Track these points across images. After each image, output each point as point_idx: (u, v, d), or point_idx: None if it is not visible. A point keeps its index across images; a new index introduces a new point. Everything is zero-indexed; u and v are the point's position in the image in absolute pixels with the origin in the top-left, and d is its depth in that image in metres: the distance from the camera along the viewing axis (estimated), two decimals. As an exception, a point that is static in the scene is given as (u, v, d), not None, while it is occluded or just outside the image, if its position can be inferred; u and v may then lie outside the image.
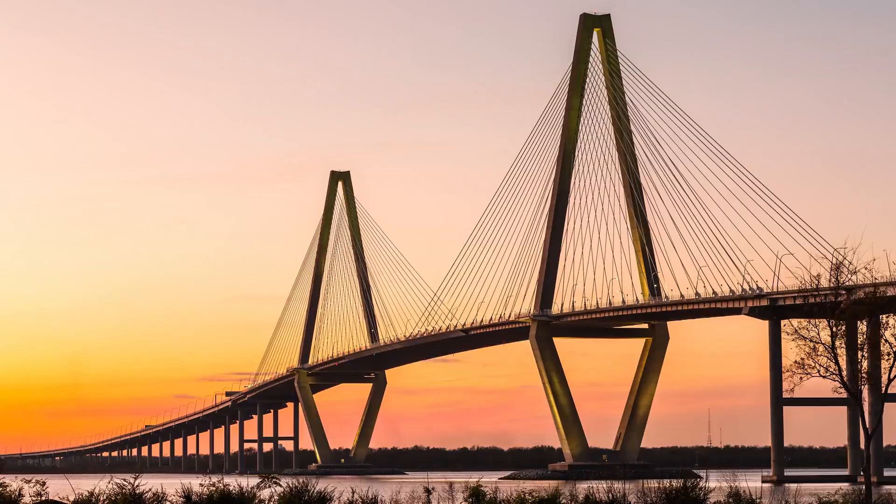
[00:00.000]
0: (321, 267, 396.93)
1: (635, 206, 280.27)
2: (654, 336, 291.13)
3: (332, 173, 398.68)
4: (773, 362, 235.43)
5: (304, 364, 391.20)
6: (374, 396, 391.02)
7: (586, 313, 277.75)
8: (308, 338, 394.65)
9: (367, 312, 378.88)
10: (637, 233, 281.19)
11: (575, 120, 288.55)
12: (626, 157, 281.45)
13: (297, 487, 67.79)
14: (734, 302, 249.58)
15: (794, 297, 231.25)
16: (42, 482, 70.86)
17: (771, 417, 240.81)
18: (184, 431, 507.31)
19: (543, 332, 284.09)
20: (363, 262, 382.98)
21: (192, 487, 67.24)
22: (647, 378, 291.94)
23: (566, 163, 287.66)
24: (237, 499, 66.31)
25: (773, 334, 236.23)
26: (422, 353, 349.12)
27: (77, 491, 69.66)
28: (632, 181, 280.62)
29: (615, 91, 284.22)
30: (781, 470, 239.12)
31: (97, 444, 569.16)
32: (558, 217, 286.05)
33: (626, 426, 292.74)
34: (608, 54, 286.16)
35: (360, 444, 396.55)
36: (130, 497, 66.47)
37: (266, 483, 67.73)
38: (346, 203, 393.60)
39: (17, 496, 70.22)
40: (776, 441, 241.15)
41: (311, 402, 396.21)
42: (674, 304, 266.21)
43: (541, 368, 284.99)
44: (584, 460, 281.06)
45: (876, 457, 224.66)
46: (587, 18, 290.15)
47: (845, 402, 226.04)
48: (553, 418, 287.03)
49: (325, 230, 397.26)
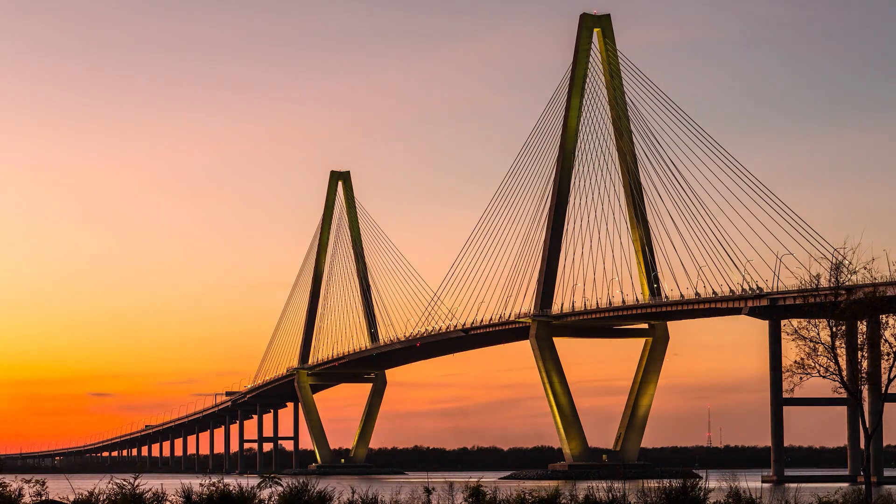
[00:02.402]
0: (321, 267, 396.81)
1: (635, 206, 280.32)
2: (654, 336, 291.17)
3: (332, 173, 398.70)
4: (773, 362, 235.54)
5: (304, 364, 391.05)
6: (374, 396, 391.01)
7: (586, 313, 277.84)
8: (308, 338, 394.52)
9: (367, 312, 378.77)
10: (637, 233, 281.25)
11: (575, 120, 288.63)
12: (626, 157, 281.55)
13: (297, 487, 67.69)
14: (734, 302, 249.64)
15: (794, 297, 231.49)
16: (42, 482, 70.74)
17: (771, 417, 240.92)
18: (184, 431, 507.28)
19: (543, 332, 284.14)
20: (363, 262, 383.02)
21: (192, 487, 67.13)
22: (647, 378, 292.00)
23: (566, 163, 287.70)
24: (237, 499, 66.23)
25: (773, 334, 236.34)
26: (422, 353, 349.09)
27: (77, 491, 69.58)
28: (632, 181, 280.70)
29: (615, 91, 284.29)
30: (781, 470, 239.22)
31: (97, 444, 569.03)
32: (558, 217, 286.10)
33: (626, 426, 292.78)
34: (608, 54, 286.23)
35: (360, 444, 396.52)
36: (130, 497, 66.41)
37: (266, 483, 67.62)
38: (346, 203, 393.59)
39: (17, 496, 70.11)
40: (776, 441, 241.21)
41: (311, 402, 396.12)
42: (674, 304, 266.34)
43: (541, 368, 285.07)
44: (584, 460, 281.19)
45: (876, 457, 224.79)
46: (587, 18, 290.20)
47: (845, 402, 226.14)
48: (553, 418, 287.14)
49: (324, 230, 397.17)
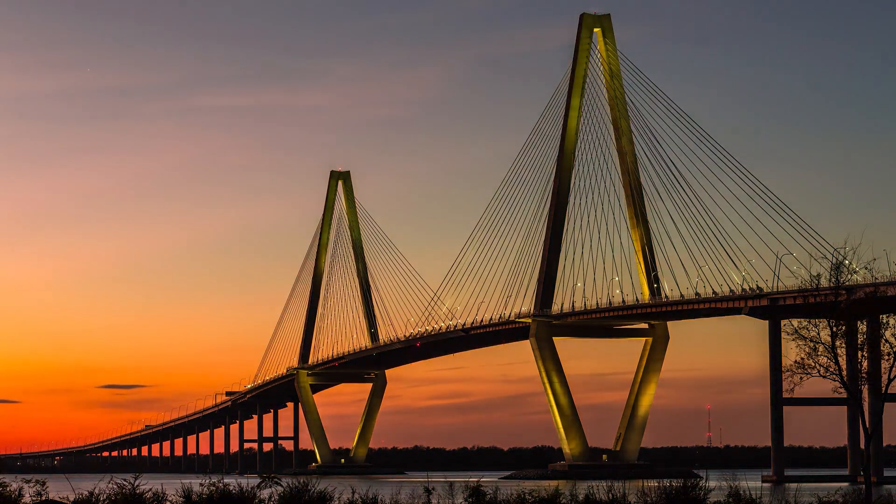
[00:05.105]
0: (321, 267, 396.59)
1: (635, 206, 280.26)
2: (654, 336, 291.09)
3: (332, 173, 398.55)
4: (773, 362, 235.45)
5: (304, 364, 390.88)
6: (374, 396, 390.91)
7: (586, 313, 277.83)
8: (308, 337, 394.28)
9: (367, 312, 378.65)
10: (637, 233, 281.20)
11: (575, 120, 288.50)
12: (626, 157, 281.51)
13: (297, 487, 67.64)
14: (734, 302, 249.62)
15: (794, 297, 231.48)
16: (42, 482, 70.66)
17: (771, 417, 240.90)
18: (184, 431, 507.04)
19: (543, 332, 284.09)
20: (363, 262, 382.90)
21: (192, 487, 67.06)
22: (647, 378, 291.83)
23: (566, 163, 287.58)
24: (237, 499, 66.18)
25: (773, 334, 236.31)
26: (422, 353, 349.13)
27: (77, 491, 69.51)
28: (632, 181, 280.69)
29: (615, 91, 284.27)
30: (781, 470, 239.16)
31: (97, 444, 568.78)
32: (558, 217, 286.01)
33: (626, 426, 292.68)
34: (608, 54, 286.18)
35: (360, 444, 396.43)
36: (130, 497, 66.36)
37: (266, 483, 67.53)
38: (346, 203, 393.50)
39: (17, 496, 70.03)
40: (776, 441, 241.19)
41: (311, 401, 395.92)
42: (674, 304, 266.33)
43: (541, 368, 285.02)
44: (584, 460, 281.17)
45: (876, 457, 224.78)
46: (587, 18, 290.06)
47: (845, 402, 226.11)
48: (553, 418, 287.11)
49: (324, 230, 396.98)
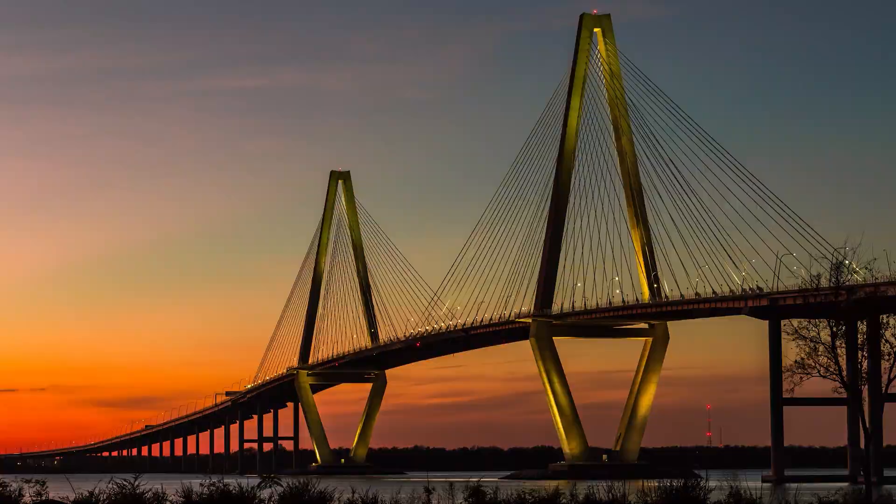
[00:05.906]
0: (321, 267, 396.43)
1: (635, 206, 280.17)
2: (654, 336, 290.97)
3: (332, 173, 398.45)
4: (773, 362, 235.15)
5: (304, 364, 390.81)
6: (374, 396, 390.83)
7: (586, 313, 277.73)
8: (308, 337, 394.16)
9: (367, 312, 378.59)
10: (637, 233, 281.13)
11: (575, 120, 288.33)
12: (626, 157, 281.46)
13: (297, 487, 67.63)
14: (734, 302, 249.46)
15: (794, 296, 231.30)
16: (42, 482, 70.66)
17: (771, 417, 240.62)
18: (184, 431, 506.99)
19: (543, 332, 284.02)
20: (363, 262, 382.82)
21: (192, 487, 67.05)
22: (647, 378, 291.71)
23: (566, 163, 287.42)
24: (237, 499, 66.16)
25: (773, 334, 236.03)
26: (422, 353, 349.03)
27: (77, 491, 69.50)
28: (632, 181, 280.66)
29: (615, 91, 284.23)
30: (781, 470, 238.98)
31: (97, 444, 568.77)
32: (558, 217, 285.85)
33: (627, 426, 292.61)
34: (608, 54, 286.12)
35: (361, 444, 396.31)
36: (130, 497, 66.34)
37: (267, 483, 67.50)
38: (346, 203, 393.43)
39: (17, 496, 70.04)
40: (776, 441, 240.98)
41: (311, 401, 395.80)
42: (674, 304, 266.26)
43: (541, 368, 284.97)
44: (584, 460, 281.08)
45: (876, 457, 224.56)
46: (587, 18, 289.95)
47: (845, 402, 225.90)
48: (553, 418, 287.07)
49: (324, 230, 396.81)
